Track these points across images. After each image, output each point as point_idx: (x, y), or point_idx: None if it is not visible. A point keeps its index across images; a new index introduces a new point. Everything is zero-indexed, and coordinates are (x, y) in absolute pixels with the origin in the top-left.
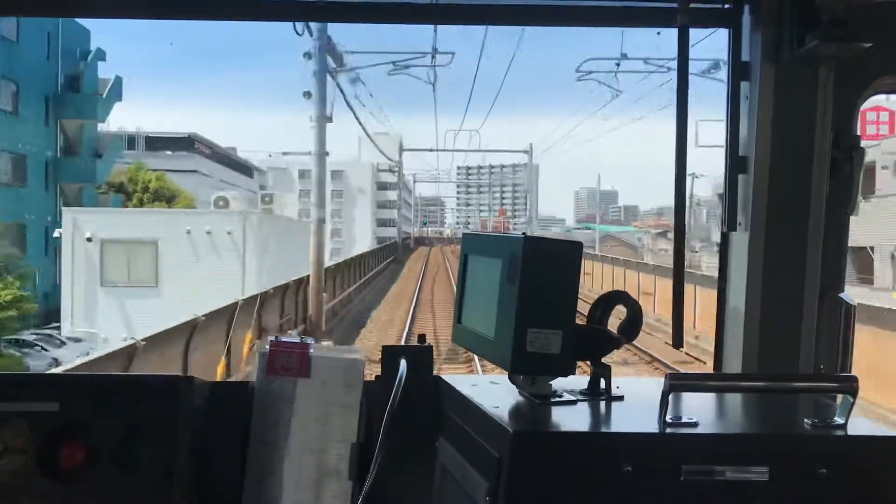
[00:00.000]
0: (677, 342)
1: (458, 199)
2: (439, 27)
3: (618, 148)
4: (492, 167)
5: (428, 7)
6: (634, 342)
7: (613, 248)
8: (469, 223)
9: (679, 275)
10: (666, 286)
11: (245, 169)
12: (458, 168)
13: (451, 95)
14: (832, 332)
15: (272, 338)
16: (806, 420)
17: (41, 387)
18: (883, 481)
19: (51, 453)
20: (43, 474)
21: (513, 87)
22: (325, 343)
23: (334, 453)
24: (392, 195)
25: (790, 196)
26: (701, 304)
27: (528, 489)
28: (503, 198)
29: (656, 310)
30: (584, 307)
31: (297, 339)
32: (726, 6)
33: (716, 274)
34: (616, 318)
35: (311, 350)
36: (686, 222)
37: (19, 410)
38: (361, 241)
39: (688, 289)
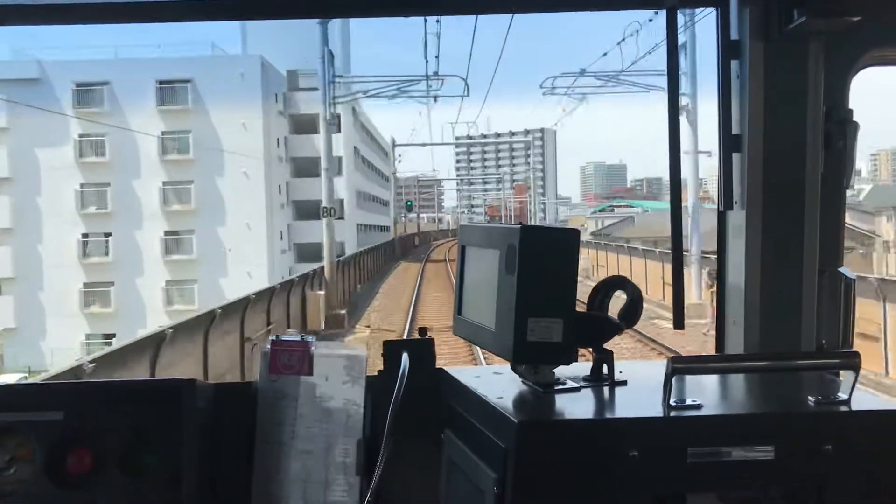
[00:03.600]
0: (678, 323)
1: (458, 175)
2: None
3: (619, 121)
4: (498, 135)
5: None
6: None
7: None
8: (473, 206)
9: (678, 256)
10: None
11: None
12: (458, 138)
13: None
14: (833, 308)
15: (273, 337)
16: (810, 397)
17: (45, 395)
18: (888, 455)
19: (58, 461)
20: (51, 482)
21: (509, 68)
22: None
23: (341, 449)
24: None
25: (785, 172)
26: None
27: (536, 478)
28: (514, 172)
29: None
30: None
31: (297, 338)
32: None
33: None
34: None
35: (313, 348)
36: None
37: (24, 420)
38: (249, 264)
39: None
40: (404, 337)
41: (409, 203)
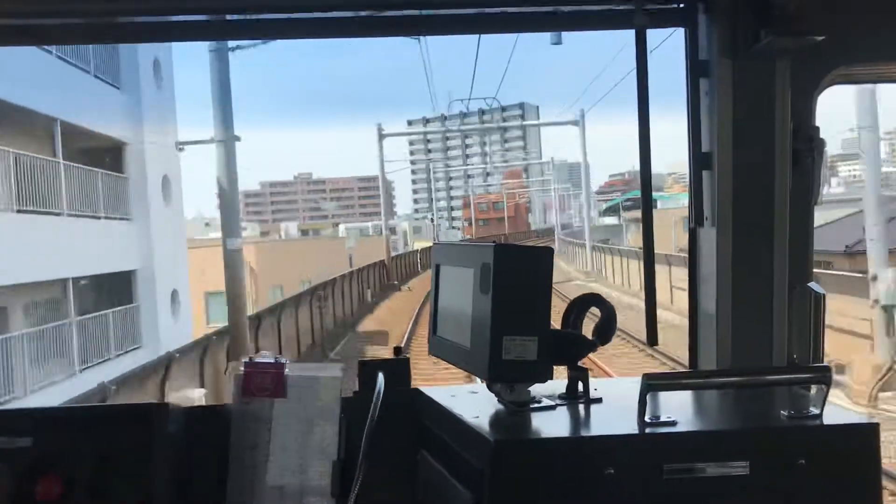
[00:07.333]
0: (651, 339)
1: (412, 170)
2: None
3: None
4: (464, 114)
5: (394, 19)
6: None
7: None
8: (436, 210)
9: (650, 269)
10: None
11: None
12: (410, 123)
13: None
14: (803, 323)
15: (245, 359)
16: (782, 412)
17: (13, 422)
18: (859, 468)
19: (27, 489)
20: None
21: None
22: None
23: (316, 471)
24: None
25: (754, 189)
26: None
27: (513, 498)
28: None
29: None
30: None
31: (271, 360)
32: (681, 5)
33: None
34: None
35: (287, 370)
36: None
37: None
38: None
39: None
40: None
41: None
